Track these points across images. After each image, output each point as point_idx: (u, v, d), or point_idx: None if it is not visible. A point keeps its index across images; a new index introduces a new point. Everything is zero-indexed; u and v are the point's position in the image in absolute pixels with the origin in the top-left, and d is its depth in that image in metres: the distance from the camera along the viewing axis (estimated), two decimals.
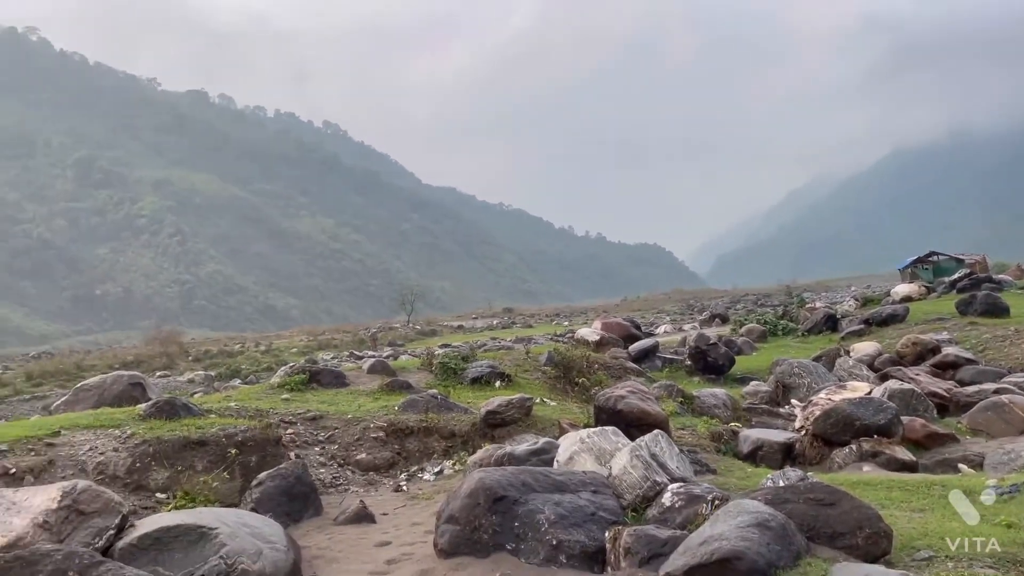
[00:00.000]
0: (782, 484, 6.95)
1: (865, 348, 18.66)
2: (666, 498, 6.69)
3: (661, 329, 36.75)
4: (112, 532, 5.93)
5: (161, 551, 5.76)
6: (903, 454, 10.15)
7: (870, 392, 12.63)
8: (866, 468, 9.93)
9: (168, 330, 58.02)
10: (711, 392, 14.68)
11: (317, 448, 10.61)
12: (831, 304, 36.71)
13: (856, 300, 35.55)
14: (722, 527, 5.47)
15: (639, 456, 7.20)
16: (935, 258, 50.87)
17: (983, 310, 21.81)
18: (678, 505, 6.55)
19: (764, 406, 14.80)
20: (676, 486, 6.82)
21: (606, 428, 8.26)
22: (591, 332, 21.78)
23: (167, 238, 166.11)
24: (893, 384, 13.04)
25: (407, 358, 22.16)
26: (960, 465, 9.90)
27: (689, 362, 19.20)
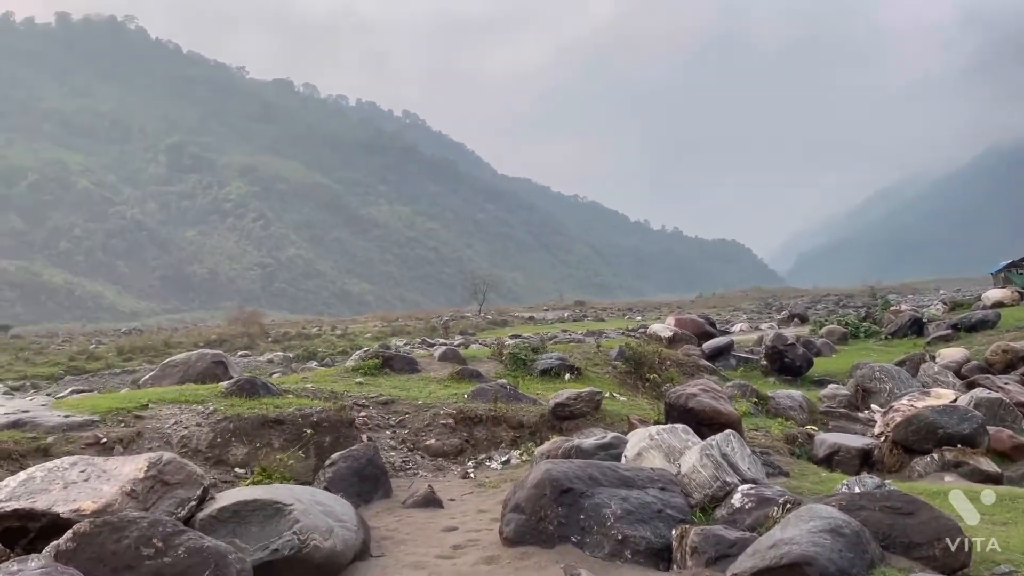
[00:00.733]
0: (858, 491, 6.76)
1: (952, 354, 17.90)
2: (736, 499, 6.60)
3: (737, 327, 36.02)
4: (194, 503, 6.17)
5: (239, 524, 5.96)
6: (988, 466, 9.73)
7: (955, 400, 12.13)
8: (948, 478, 9.57)
9: (250, 311, 59.78)
10: (787, 393, 14.36)
11: (388, 432, 10.82)
12: (917, 307, 35.27)
13: (944, 304, 34.09)
14: (793, 531, 5.36)
15: (709, 455, 7.12)
16: None
17: None
18: (748, 507, 6.46)
19: (842, 410, 14.39)
20: (746, 487, 6.72)
21: (676, 426, 8.18)
22: (664, 328, 21.53)
23: (251, 222, 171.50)
24: (980, 392, 12.49)
25: (477, 347, 22.34)
26: None
27: (765, 362, 18.80)
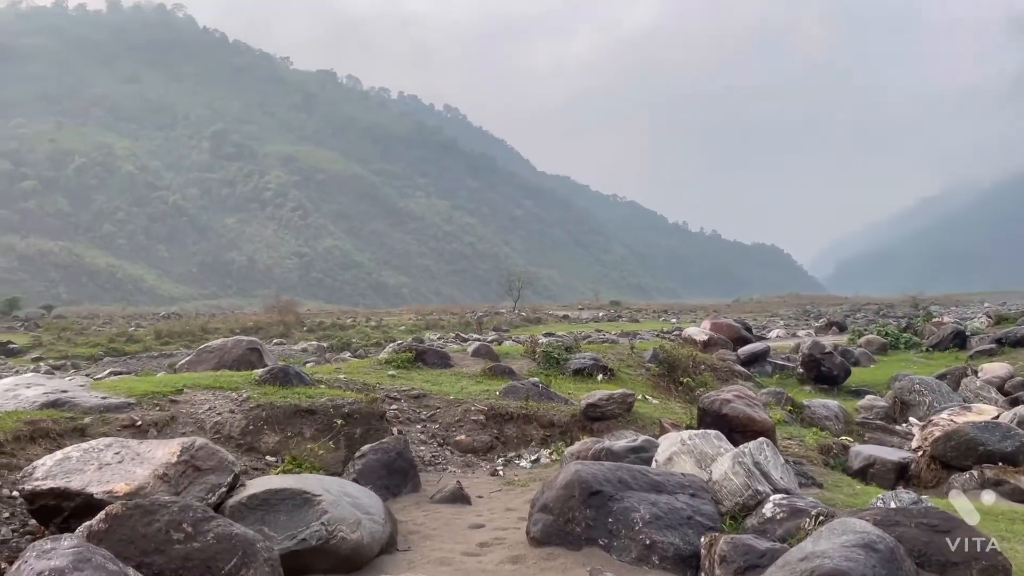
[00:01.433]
0: (893, 506, 6.60)
1: (995, 369, 17.46)
2: (767, 508, 6.49)
3: (773, 334, 35.56)
4: (224, 490, 6.22)
5: (268, 512, 6.00)
6: None
7: (997, 416, 11.83)
8: (986, 497, 9.35)
9: (286, 300, 60.54)
10: (823, 403, 14.12)
11: (419, 426, 10.84)
12: (960, 320, 34.51)
13: (989, 317, 33.28)
14: (825, 544, 5.24)
15: (742, 463, 7.01)
16: None
17: None
18: (779, 517, 6.34)
19: (879, 422, 14.11)
20: (778, 497, 6.61)
21: (708, 431, 8.07)
22: (699, 331, 21.31)
23: (290, 211, 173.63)
24: None
25: (511, 344, 22.33)
26: None
27: (801, 370, 18.53)
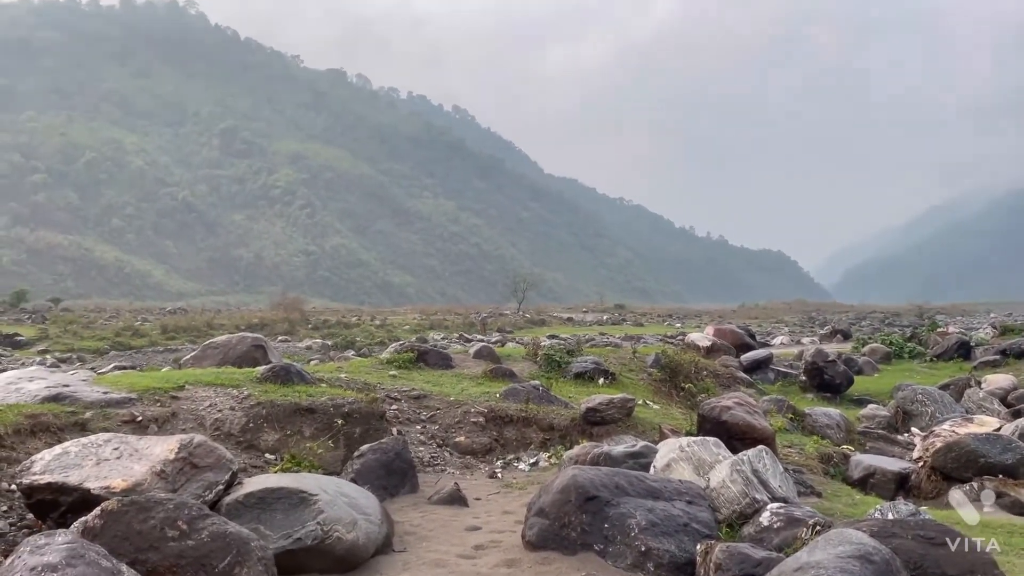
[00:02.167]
0: (890, 517, 6.59)
1: (999, 381, 17.38)
2: (764, 517, 6.47)
3: (777, 340, 35.48)
4: (221, 487, 6.23)
5: (264, 510, 6.01)
6: None
7: (999, 428, 11.78)
8: (986, 509, 9.31)
9: (292, 297, 60.75)
10: (824, 411, 14.09)
11: (418, 426, 10.85)
12: (965, 330, 34.39)
13: (994, 328, 33.14)
14: (820, 555, 5.22)
15: (740, 471, 6.99)
16: None
17: None
18: (776, 526, 6.33)
19: (881, 431, 14.06)
20: (776, 506, 6.59)
21: (707, 438, 8.05)
22: (702, 337, 21.27)
23: (298, 209, 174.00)
24: None
25: (513, 346, 22.33)
26: None
27: (804, 377, 18.49)
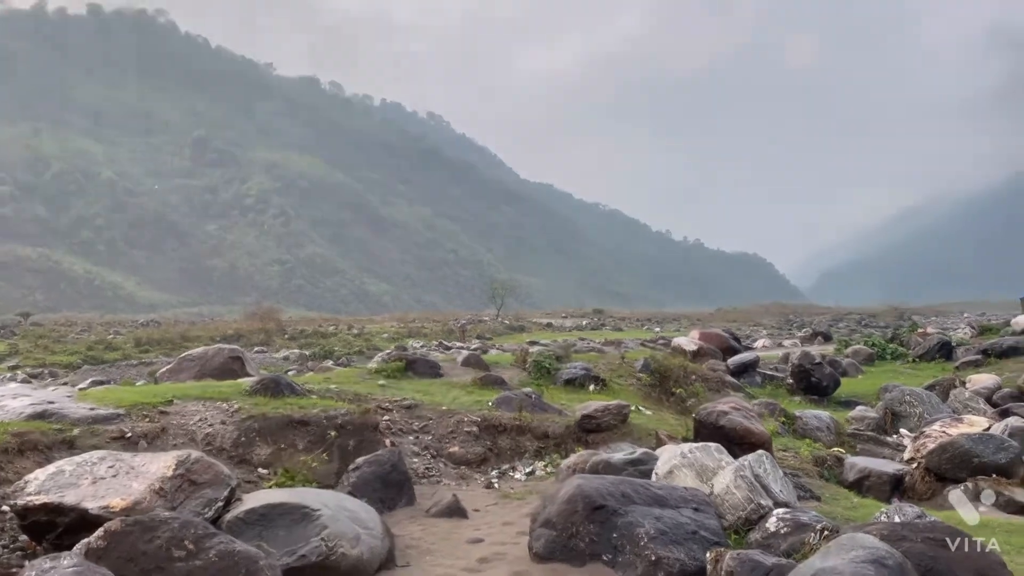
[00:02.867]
0: (898, 520, 6.58)
1: (983, 380, 17.56)
2: (771, 523, 6.45)
3: (759, 343, 35.62)
4: (221, 504, 6.11)
5: (266, 527, 5.89)
6: (1023, 497, 9.51)
7: (988, 428, 11.90)
8: (982, 509, 9.36)
9: (267, 307, 60.05)
10: (814, 414, 14.14)
11: (411, 437, 10.71)
12: (943, 330, 34.83)
13: (972, 328, 33.60)
14: (835, 561, 5.19)
15: (743, 476, 6.96)
16: None
17: None
18: (783, 531, 6.30)
19: (870, 433, 14.13)
20: (782, 511, 6.57)
21: (709, 444, 8.01)
22: (688, 341, 21.33)
23: (272, 218, 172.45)
24: (1015, 421, 12.20)
25: (497, 352, 22.22)
26: None
27: (791, 380, 18.57)
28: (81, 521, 5.35)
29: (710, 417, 9.49)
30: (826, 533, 6.03)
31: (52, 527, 5.50)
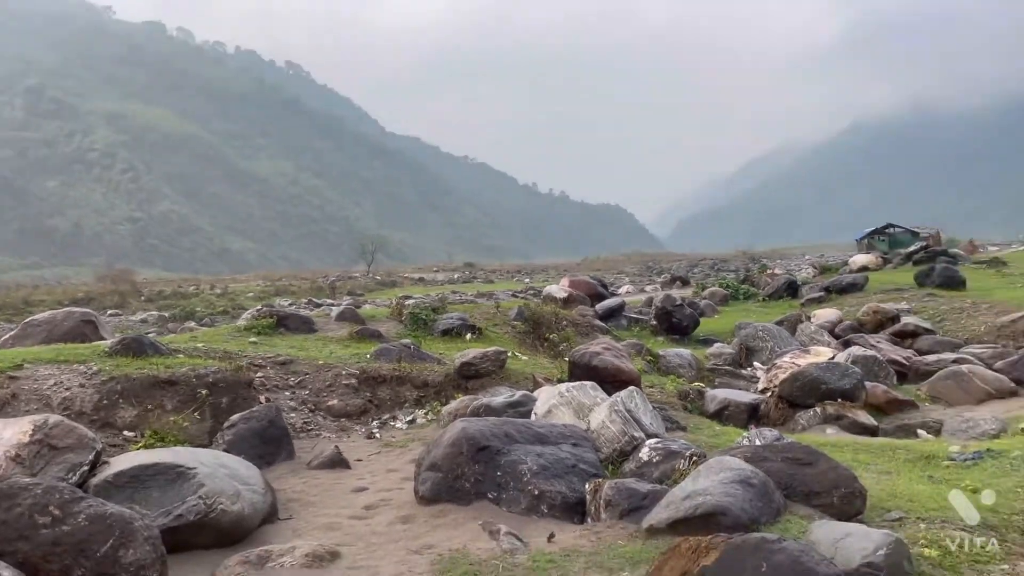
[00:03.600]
0: (759, 443, 7.08)
1: (826, 315, 19.01)
2: (643, 453, 6.78)
3: (623, 290, 36.95)
4: (86, 468, 5.81)
5: (138, 489, 5.68)
6: (865, 418, 10.44)
7: (833, 357, 12.92)
8: (829, 431, 10.19)
9: (120, 268, 56.76)
10: (676, 352, 14.88)
11: (287, 392, 10.51)
12: (789, 271, 37.32)
13: (814, 268, 36.20)
14: (705, 482, 5.55)
15: (617, 411, 7.27)
16: (891, 230, 51.97)
17: (941, 282, 22.39)
18: (655, 460, 6.64)
19: (727, 367, 15.06)
20: (653, 441, 6.92)
21: (585, 383, 8.30)
22: (559, 289, 21.82)
23: (119, 174, 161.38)
24: (856, 350, 13.34)
25: (371, 307, 21.96)
26: (919, 431, 10.19)
27: (655, 322, 19.39)
28: None
29: (584, 358, 9.81)
30: (695, 459, 6.41)
31: None
